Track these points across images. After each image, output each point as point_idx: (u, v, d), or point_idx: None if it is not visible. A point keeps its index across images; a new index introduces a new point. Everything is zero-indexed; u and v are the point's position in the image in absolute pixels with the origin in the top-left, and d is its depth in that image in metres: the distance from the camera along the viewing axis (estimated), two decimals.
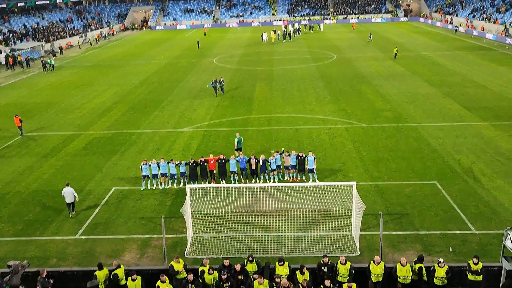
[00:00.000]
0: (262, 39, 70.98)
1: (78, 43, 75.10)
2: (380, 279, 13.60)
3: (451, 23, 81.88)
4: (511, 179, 20.95)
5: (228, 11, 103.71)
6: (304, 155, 21.28)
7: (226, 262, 13.79)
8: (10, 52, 60.76)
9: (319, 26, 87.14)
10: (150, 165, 21.10)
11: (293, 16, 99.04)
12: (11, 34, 69.26)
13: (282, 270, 13.53)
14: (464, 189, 20.12)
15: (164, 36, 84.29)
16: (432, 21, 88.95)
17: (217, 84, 37.89)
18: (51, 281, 13.51)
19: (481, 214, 18.02)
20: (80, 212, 19.38)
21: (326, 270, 13.60)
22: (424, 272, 13.49)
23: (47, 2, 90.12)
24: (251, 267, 13.79)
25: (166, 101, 37.15)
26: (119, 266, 13.80)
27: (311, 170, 21.08)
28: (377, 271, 13.51)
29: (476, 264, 13.32)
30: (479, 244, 16.06)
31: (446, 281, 13.25)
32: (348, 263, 13.65)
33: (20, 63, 57.37)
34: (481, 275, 13.32)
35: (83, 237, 17.49)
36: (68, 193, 18.85)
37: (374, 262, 13.57)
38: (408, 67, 47.24)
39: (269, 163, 21.22)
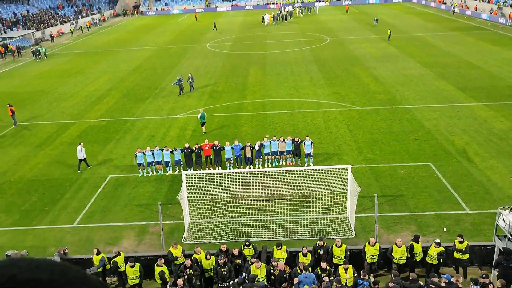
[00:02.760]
0: (263, 21, 72.35)
1: (71, 30, 74.05)
2: (375, 260, 13.83)
3: (444, 3, 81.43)
4: (504, 159, 21.16)
5: None
6: (300, 140, 21.33)
7: (224, 247, 13.95)
8: (1, 41, 59.97)
9: (313, 9, 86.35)
10: (144, 154, 21.13)
11: None
12: (1, 23, 68.23)
13: (280, 254, 13.72)
14: (458, 170, 20.32)
15: (156, 22, 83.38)
16: (426, 2, 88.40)
17: (182, 82, 33.57)
18: (67, 252, 14.51)
19: (475, 194, 18.24)
20: (77, 201, 19.44)
21: (321, 252, 13.81)
22: (418, 251, 13.72)
23: None
24: (248, 252, 13.98)
25: (159, 88, 36.95)
26: (118, 254, 13.94)
27: (308, 154, 21.17)
28: (372, 252, 13.73)
29: (461, 243, 13.57)
30: (472, 224, 16.30)
31: (436, 260, 13.51)
32: (344, 245, 13.85)
33: (11, 52, 56.68)
34: (467, 254, 13.58)
35: (80, 225, 17.57)
36: (78, 151, 22.08)
37: (369, 244, 13.78)
38: (401, 49, 47.11)
39: (264, 148, 21.25)
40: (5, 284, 0.59)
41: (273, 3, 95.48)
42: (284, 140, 21.40)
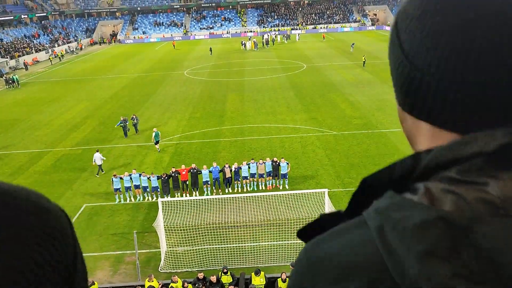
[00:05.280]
0: (245, 47, 74.14)
1: (50, 58, 73.45)
2: None
3: None
4: None
5: (198, 24, 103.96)
6: (278, 162, 21.59)
7: (201, 275, 13.70)
8: None
9: (292, 36, 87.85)
10: (122, 178, 20.88)
11: (263, 27, 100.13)
12: None
13: (258, 280, 13.53)
14: None
15: (133, 50, 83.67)
16: None
17: (127, 123, 30.75)
18: None
19: None
20: None
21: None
22: None
23: (11, 18, 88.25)
24: (226, 279, 13.76)
25: (137, 115, 36.70)
26: (92, 283, 13.51)
27: (284, 176, 21.47)
28: None
29: None
30: None
31: None
32: None
33: None
34: None
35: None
36: (97, 157, 23.76)
37: None
38: (376, 75, 48.30)
39: (242, 171, 21.38)
40: None
41: (250, 31, 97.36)
42: (264, 162, 21.57)
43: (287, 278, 13.49)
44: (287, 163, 21.51)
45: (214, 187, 21.50)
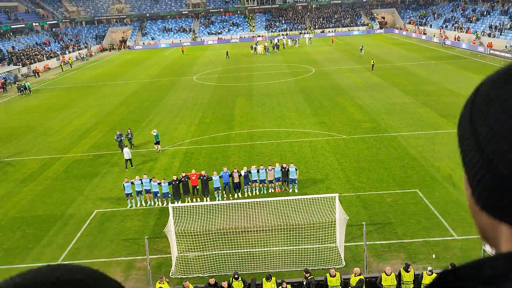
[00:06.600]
0: (255, 51, 75.17)
1: (61, 65, 74.27)
2: None
3: (424, 33, 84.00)
4: None
5: (207, 29, 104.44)
6: (287, 167, 21.59)
7: (212, 281, 13.72)
8: None
9: (307, 40, 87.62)
10: (133, 183, 21.03)
11: (271, 31, 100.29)
12: None
13: (269, 286, 13.52)
14: (445, 196, 20.47)
15: (143, 56, 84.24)
16: (407, 33, 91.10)
17: (123, 137, 29.03)
18: None
19: (462, 220, 18.32)
20: (62, 237, 19.05)
21: (304, 283, 13.69)
22: (406, 279, 13.65)
23: (23, 25, 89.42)
24: (237, 285, 13.76)
25: (146, 121, 37.00)
26: None
27: (293, 180, 21.48)
28: (334, 283, 13.60)
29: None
30: (461, 250, 16.31)
31: None
32: (338, 274, 13.73)
33: None
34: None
35: (65, 262, 17.14)
36: (125, 152, 25.60)
37: (330, 275, 13.67)
38: (385, 78, 48.11)
39: (251, 175, 21.43)
40: (54, 285, 0.67)
41: (259, 36, 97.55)
42: (272, 168, 21.57)
43: (287, 286, 13.42)
44: (296, 169, 21.49)
45: (224, 192, 21.56)
